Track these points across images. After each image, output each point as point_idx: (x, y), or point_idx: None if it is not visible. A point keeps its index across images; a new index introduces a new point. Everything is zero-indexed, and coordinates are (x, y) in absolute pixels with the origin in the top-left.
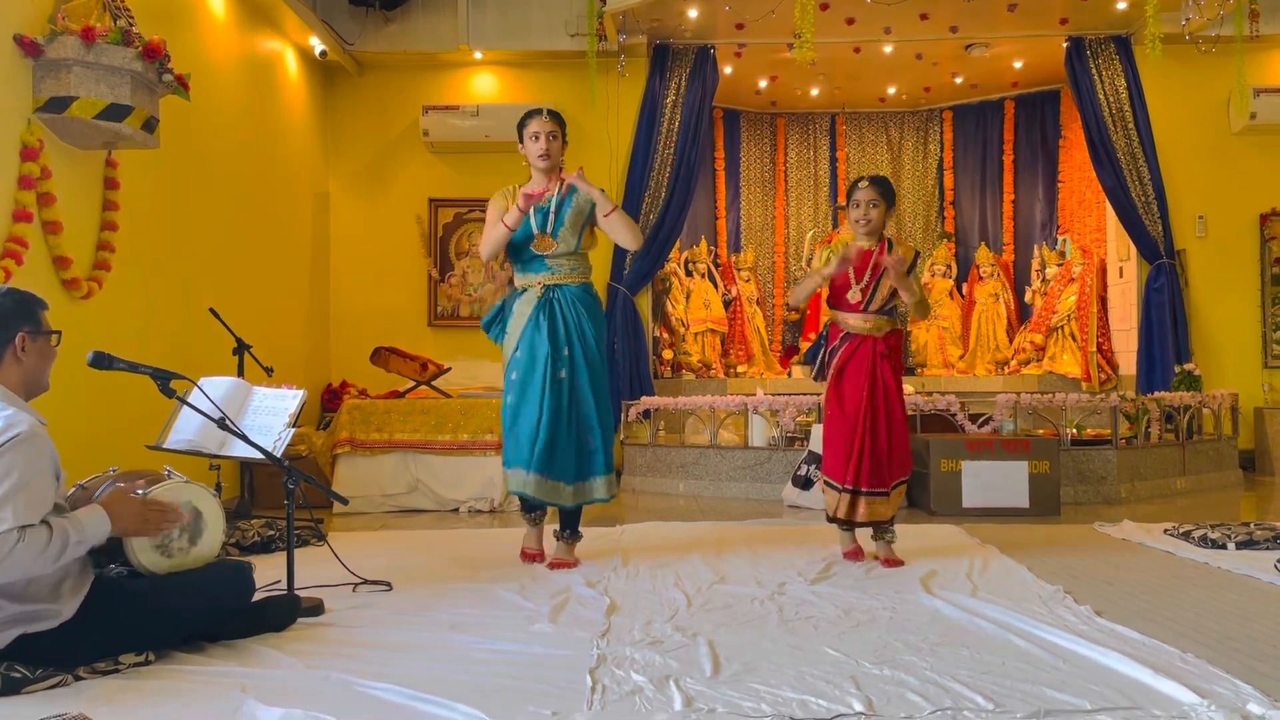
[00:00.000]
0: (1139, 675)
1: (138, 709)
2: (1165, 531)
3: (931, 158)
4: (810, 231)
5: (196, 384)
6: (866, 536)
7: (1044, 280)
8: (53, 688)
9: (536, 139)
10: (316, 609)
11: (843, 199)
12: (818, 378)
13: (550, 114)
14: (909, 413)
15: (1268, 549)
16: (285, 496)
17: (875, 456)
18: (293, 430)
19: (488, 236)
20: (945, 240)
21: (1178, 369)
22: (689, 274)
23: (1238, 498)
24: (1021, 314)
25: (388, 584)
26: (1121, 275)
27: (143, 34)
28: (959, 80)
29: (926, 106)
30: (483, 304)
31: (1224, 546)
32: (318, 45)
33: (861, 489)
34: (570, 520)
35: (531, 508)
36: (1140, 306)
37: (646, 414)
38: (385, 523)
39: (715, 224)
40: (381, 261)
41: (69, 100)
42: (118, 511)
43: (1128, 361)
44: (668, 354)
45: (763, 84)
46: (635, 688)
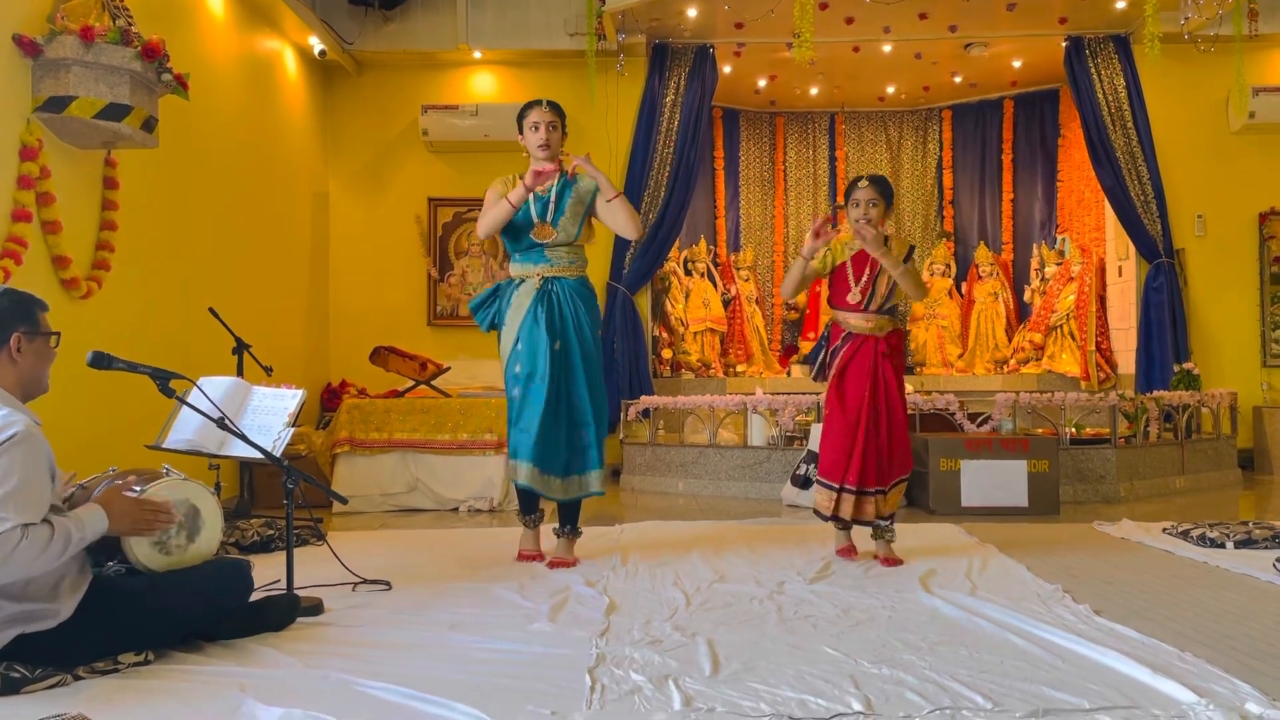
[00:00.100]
0: (1137, 674)
1: (136, 709)
2: (1164, 530)
3: (931, 157)
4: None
5: (196, 384)
6: (861, 535)
7: (1043, 279)
8: (52, 687)
9: (536, 129)
10: (316, 608)
11: (842, 198)
12: (817, 378)
13: (550, 105)
14: (908, 412)
15: (1266, 548)
16: (284, 496)
17: (876, 455)
18: (292, 430)
19: (488, 214)
20: (944, 239)
21: (1177, 368)
22: (688, 273)
23: (1236, 497)
24: (1020, 313)
25: (387, 583)
26: (1120, 274)
27: (141, 33)
28: (958, 79)
29: (926, 106)
30: None
31: (1223, 545)
32: (317, 45)
33: (858, 488)
34: (569, 516)
35: (529, 510)
36: (1139, 305)
37: (646, 413)
38: (385, 522)
39: (714, 223)
40: (381, 261)
41: (68, 100)
42: (115, 510)
43: (1127, 361)
44: (667, 353)
45: (762, 83)
46: (634, 687)
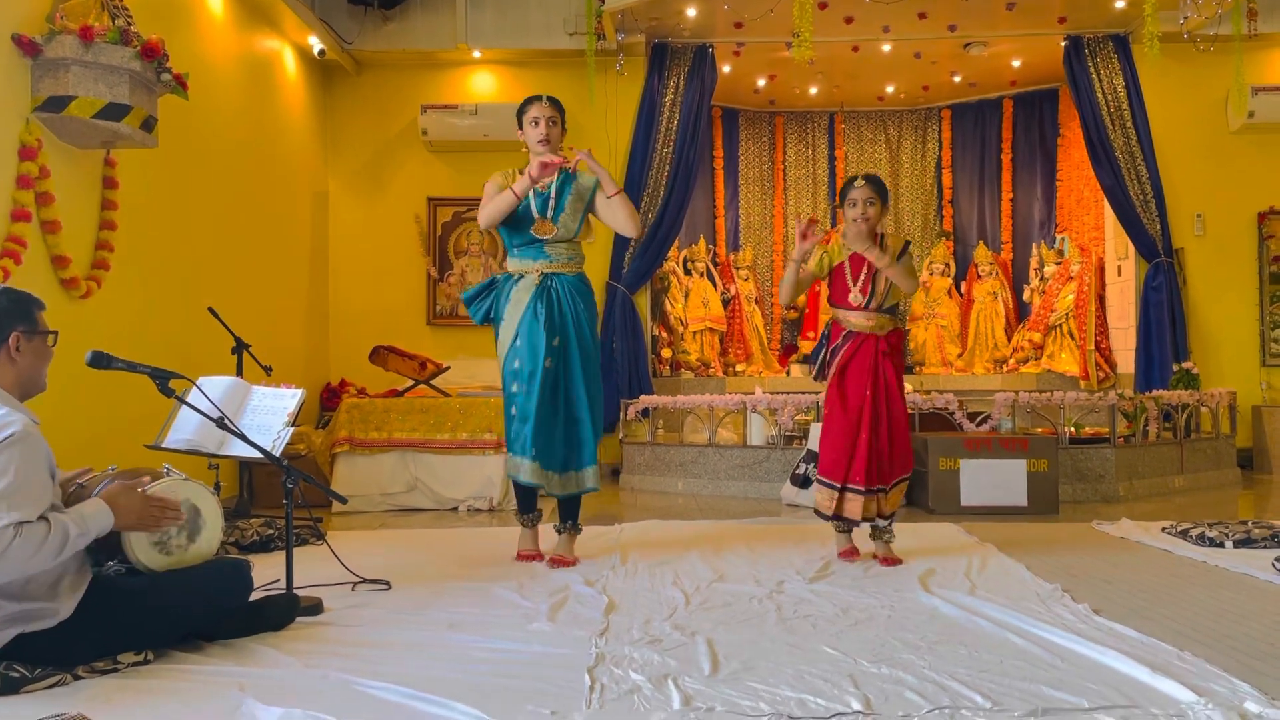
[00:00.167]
0: (1137, 673)
1: (136, 708)
2: (1163, 530)
3: (930, 156)
4: None
5: (195, 383)
6: (863, 538)
7: (1042, 279)
8: (51, 687)
9: (536, 124)
10: (315, 608)
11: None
12: (818, 377)
13: (550, 100)
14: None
15: (1265, 547)
16: (284, 496)
17: (877, 454)
18: (291, 429)
19: (490, 205)
20: (944, 239)
21: (1176, 367)
22: (688, 273)
23: (1235, 496)
24: (1020, 312)
25: (386, 583)
26: (1120, 274)
27: (141, 33)
28: (957, 79)
29: (925, 105)
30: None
31: (1222, 545)
32: (316, 44)
33: (858, 487)
34: (569, 511)
35: (527, 509)
36: (1138, 305)
37: (645, 413)
38: (384, 522)
39: (714, 223)
40: (380, 260)
41: (67, 99)
42: (122, 506)
43: (1126, 360)
44: (666, 353)
45: (761, 83)
46: (634, 686)
